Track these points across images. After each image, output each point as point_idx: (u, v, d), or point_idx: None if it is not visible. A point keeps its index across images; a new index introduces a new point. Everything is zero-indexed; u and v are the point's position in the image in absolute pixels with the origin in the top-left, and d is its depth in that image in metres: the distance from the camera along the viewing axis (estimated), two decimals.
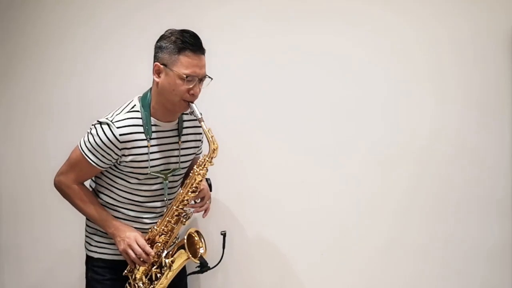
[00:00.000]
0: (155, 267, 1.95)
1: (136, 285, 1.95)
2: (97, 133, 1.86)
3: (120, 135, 1.85)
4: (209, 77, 1.92)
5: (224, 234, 2.07)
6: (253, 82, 2.34)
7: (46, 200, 2.54)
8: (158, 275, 1.95)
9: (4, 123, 2.65)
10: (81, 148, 1.91)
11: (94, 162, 1.89)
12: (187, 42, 1.84)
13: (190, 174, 1.95)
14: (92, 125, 1.90)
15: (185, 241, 1.94)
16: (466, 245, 2.21)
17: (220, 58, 2.34)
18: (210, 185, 2.10)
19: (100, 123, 1.87)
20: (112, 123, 1.86)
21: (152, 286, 1.95)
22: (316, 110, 2.30)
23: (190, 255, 1.95)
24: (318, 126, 2.30)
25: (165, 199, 1.99)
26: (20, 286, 2.67)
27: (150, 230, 1.96)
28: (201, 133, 2.09)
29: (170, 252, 1.97)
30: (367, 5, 2.22)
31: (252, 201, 2.37)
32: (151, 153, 1.92)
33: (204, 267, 1.99)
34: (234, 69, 2.35)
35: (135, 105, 1.94)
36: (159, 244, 1.94)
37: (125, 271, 1.97)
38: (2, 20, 2.61)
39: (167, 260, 1.94)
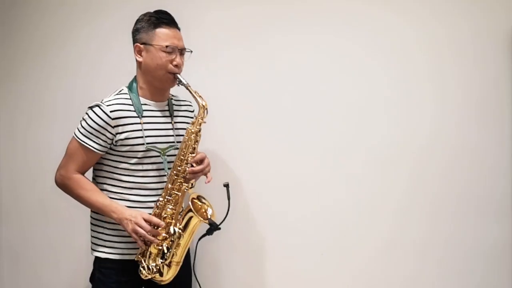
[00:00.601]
0: (166, 241, 1.94)
1: (149, 267, 1.94)
2: (89, 117, 1.92)
3: (111, 111, 1.91)
4: (189, 50, 2.01)
5: (227, 186, 2.05)
6: (253, 82, 2.35)
7: (48, 200, 2.56)
8: (169, 248, 1.94)
9: (9, 124, 2.68)
10: (76, 136, 1.95)
11: (91, 146, 1.92)
12: (161, 18, 1.96)
13: (185, 135, 1.98)
14: (85, 113, 1.95)
15: (191, 206, 1.94)
16: (466, 245, 2.20)
17: (220, 58, 2.36)
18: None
19: (91, 107, 1.94)
20: (102, 103, 1.92)
21: (165, 260, 1.94)
22: (316, 110, 2.30)
23: (201, 218, 1.94)
24: (318, 126, 2.30)
25: (166, 174, 1.99)
26: (20, 286, 2.70)
27: (155, 204, 1.96)
28: (192, 117, 2.11)
29: (178, 222, 1.96)
30: (367, 5, 2.22)
31: (252, 202, 2.37)
32: (145, 129, 1.96)
33: (213, 226, 1.97)
34: (234, 69, 2.36)
35: (122, 89, 2.01)
36: (167, 218, 1.95)
37: (137, 255, 1.96)
38: (5, 21, 2.64)
39: (176, 229, 1.94)
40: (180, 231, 1.94)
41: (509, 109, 2.15)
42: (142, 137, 1.94)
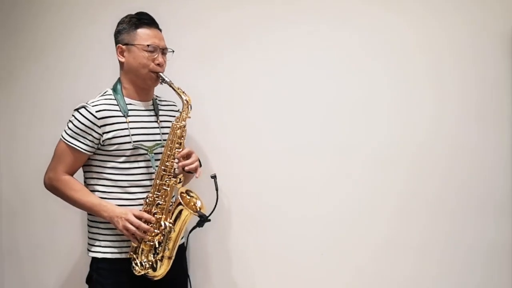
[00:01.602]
0: (158, 236, 1.95)
1: (142, 263, 1.95)
2: (76, 118, 1.94)
3: (97, 111, 1.94)
4: (171, 50, 2.07)
5: (214, 177, 2.06)
6: (252, 83, 2.35)
7: (49, 200, 2.54)
8: (161, 242, 1.94)
9: (11, 125, 2.68)
10: (63, 138, 1.97)
11: (78, 147, 1.94)
12: (142, 19, 2.01)
13: (170, 130, 2.00)
14: (71, 115, 1.98)
15: (180, 200, 1.95)
16: (466, 245, 2.20)
17: (221, 58, 2.36)
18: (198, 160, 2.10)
19: (76, 109, 1.97)
20: (87, 104, 1.95)
21: (157, 255, 1.94)
22: (315, 111, 2.30)
23: (191, 211, 1.95)
24: (318, 126, 2.30)
25: (154, 171, 2.00)
26: (19, 286, 2.69)
27: (144, 200, 1.97)
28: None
29: (168, 217, 1.97)
30: (367, 5, 2.22)
31: (251, 202, 2.37)
32: (131, 128, 1.98)
33: (203, 218, 1.97)
34: (234, 69, 2.36)
35: (107, 91, 2.05)
36: (157, 213, 1.96)
37: (130, 252, 1.97)
38: (6, 21, 2.64)
39: (166, 223, 1.95)
40: (170, 225, 1.95)
41: (509, 109, 2.15)
42: (128, 135, 1.97)
